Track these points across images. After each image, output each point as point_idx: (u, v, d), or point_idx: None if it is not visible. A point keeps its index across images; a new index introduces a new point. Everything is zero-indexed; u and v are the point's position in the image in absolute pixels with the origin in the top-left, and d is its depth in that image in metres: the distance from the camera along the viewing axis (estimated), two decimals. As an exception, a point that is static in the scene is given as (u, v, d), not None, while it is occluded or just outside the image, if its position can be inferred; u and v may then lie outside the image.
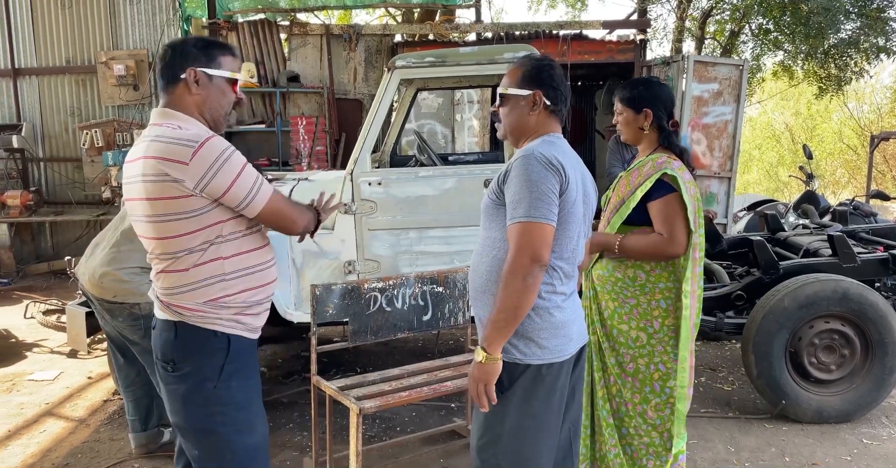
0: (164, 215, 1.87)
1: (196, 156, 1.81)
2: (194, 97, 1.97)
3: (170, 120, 1.93)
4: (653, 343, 2.63)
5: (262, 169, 7.67)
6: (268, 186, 1.95)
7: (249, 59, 8.26)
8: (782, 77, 11.27)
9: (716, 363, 4.81)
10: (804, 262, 4.06)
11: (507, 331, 1.94)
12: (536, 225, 1.91)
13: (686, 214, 2.54)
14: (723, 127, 7.36)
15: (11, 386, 4.56)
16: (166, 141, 1.84)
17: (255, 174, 1.91)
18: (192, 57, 1.97)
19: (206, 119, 1.99)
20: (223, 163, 1.84)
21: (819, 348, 3.73)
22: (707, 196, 7.49)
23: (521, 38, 7.83)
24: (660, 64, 7.51)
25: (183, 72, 1.95)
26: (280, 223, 2.02)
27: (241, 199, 1.88)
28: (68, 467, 3.41)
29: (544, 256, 1.91)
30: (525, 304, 1.92)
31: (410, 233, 3.74)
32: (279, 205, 1.99)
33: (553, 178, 1.94)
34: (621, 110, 2.70)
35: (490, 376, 1.97)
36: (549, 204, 1.92)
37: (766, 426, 3.76)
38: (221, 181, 1.84)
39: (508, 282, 1.91)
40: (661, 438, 2.66)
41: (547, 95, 2.11)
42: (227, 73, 2.01)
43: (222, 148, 1.86)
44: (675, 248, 2.54)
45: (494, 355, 1.96)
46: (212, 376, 1.94)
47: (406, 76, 3.74)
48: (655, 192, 2.55)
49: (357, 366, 4.72)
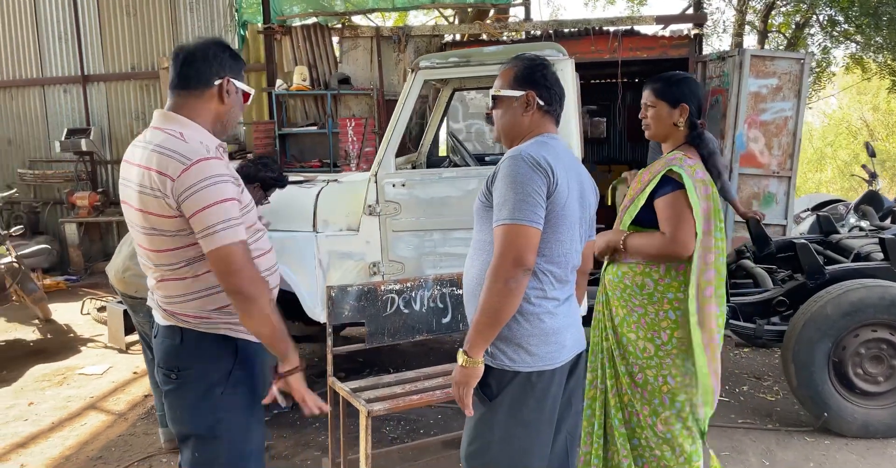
0: (156, 230, 1.84)
1: (185, 172, 1.76)
2: (219, 107, 1.92)
3: (173, 125, 1.87)
4: (661, 355, 2.50)
5: (313, 170, 7.80)
6: (237, 233, 1.79)
7: (302, 63, 8.41)
8: (854, 70, 10.70)
9: (762, 371, 4.60)
10: (853, 267, 3.83)
11: (488, 334, 1.90)
12: (520, 227, 1.85)
13: (690, 213, 2.39)
14: (782, 124, 7.03)
15: (63, 379, 4.77)
16: (167, 153, 1.79)
17: (232, 214, 1.79)
18: (228, 66, 1.92)
19: (218, 127, 1.96)
20: (208, 185, 1.76)
21: (865, 358, 3.52)
22: (765, 196, 7.18)
23: (571, 35, 7.69)
24: (715, 59, 7.24)
25: (219, 78, 1.90)
26: (226, 273, 1.79)
27: (204, 227, 1.77)
28: (101, 459, 3.54)
29: (528, 260, 1.86)
30: (507, 308, 1.87)
31: (434, 234, 3.71)
32: (236, 257, 1.78)
33: (539, 179, 1.88)
34: (654, 103, 2.55)
35: (470, 379, 1.93)
36: (533, 206, 1.86)
37: (806, 439, 3.56)
38: (197, 201, 1.76)
39: (490, 286, 1.86)
40: (672, 452, 2.54)
41: (540, 95, 2.06)
42: (247, 87, 2.00)
43: (214, 172, 1.78)
44: (677, 248, 2.40)
45: (475, 359, 1.92)
46: (220, 382, 1.91)
47: (430, 77, 3.72)
48: (661, 189, 2.44)
49: (390, 367, 4.73)
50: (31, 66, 9.21)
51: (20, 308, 6.35)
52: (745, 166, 7.02)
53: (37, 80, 9.20)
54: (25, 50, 9.20)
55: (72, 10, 8.96)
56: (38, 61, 9.19)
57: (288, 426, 3.88)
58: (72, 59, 9.08)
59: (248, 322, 1.85)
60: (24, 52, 9.21)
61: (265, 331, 1.86)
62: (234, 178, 1.86)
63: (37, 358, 5.28)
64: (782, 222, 7.17)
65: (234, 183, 1.85)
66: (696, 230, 2.37)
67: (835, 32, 9.32)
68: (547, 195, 1.90)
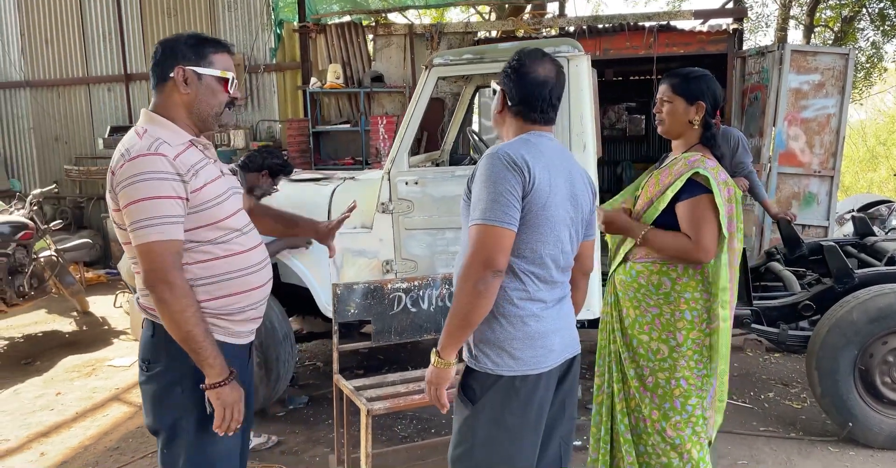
0: (117, 223, 1.89)
1: (121, 167, 1.80)
2: (182, 97, 1.92)
3: (145, 123, 1.91)
4: (675, 357, 2.45)
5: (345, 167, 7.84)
6: (163, 232, 1.77)
7: (336, 61, 8.47)
8: (907, 65, 10.26)
9: (791, 378, 4.44)
10: (884, 271, 3.66)
11: (459, 336, 1.87)
12: (491, 228, 1.81)
13: (718, 218, 2.34)
14: (824, 121, 6.79)
15: (91, 370, 4.90)
16: (119, 149, 1.84)
17: (161, 211, 1.77)
18: (181, 55, 1.90)
19: (194, 119, 1.95)
20: (138, 181, 1.77)
21: (894, 366, 3.36)
22: (806, 196, 6.95)
23: (605, 31, 7.55)
24: (754, 55, 7.02)
25: (172, 70, 1.90)
26: (144, 269, 1.80)
27: (131, 222, 1.79)
28: (118, 450, 3.61)
29: (498, 262, 1.81)
30: (477, 310, 1.83)
31: (447, 233, 3.68)
32: (153, 256, 1.77)
33: (514, 178, 1.83)
34: (670, 98, 2.48)
35: (441, 380, 1.91)
36: (505, 206, 1.81)
37: (830, 450, 3.43)
38: (126, 196, 1.79)
39: (460, 287, 1.83)
40: (679, 459, 2.46)
41: (508, 94, 2.00)
42: (218, 71, 1.94)
43: (147, 169, 1.77)
44: (701, 254, 2.35)
45: (447, 360, 1.89)
46: (182, 379, 1.91)
47: (444, 74, 3.69)
48: (685, 193, 2.37)
49: (409, 365, 4.73)
50: (77, 66, 9.49)
51: (60, 300, 6.56)
52: (785, 165, 6.79)
53: (82, 78, 9.47)
54: (72, 50, 9.48)
55: (115, 11, 9.20)
56: (83, 61, 9.45)
57: (301, 422, 3.91)
58: (115, 58, 9.32)
59: (162, 321, 1.84)
60: (71, 52, 9.49)
61: (175, 335, 1.82)
62: (176, 176, 1.81)
63: (70, 349, 5.43)
64: (824, 223, 6.93)
65: (175, 180, 1.80)
66: (719, 234, 2.34)
67: (885, 26, 8.95)
68: (523, 195, 1.85)
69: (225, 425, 1.88)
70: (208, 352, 1.83)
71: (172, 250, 1.81)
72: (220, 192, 1.93)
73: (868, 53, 9.48)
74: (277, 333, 3.73)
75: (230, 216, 1.95)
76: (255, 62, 8.90)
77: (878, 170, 15.88)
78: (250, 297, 2.01)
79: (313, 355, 5.08)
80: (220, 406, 1.86)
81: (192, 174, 1.85)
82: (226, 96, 1.99)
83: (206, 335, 1.83)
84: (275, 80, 8.97)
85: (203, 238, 1.90)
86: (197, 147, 1.93)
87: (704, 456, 2.50)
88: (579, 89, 3.53)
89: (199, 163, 1.90)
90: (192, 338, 1.81)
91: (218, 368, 1.85)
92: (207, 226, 1.89)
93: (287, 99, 9.00)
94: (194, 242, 1.88)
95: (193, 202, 1.85)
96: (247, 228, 2.02)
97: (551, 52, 3.51)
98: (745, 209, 6.56)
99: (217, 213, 1.91)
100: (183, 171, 1.83)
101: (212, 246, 1.91)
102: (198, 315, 1.83)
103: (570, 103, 3.51)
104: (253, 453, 3.49)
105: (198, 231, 1.88)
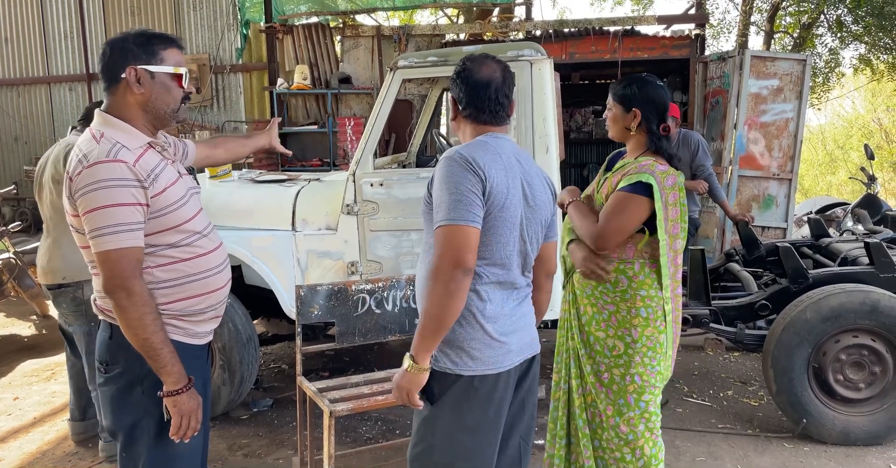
0: (73, 227, 1.88)
1: (79, 174, 1.78)
2: (136, 97, 1.88)
3: (100, 125, 1.88)
4: (629, 353, 2.51)
5: (313, 169, 7.80)
6: (121, 240, 1.76)
7: (303, 62, 8.43)
8: (864, 71, 10.54)
9: (748, 376, 4.54)
10: (837, 272, 3.76)
11: (432, 339, 1.87)
12: (456, 228, 1.83)
13: (633, 218, 2.42)
14: (783, 125, 6.95)
15: (51, 374, 4.81)
16: (75, 153, 1.82)
17: (119, 219, 1.76)
18: (132, 54, 1.86)
19: (150, 118, 1.93)
20: (96, 189, 1.75)
21: (846, 364, 3.46)
22: (765, 199, 7.10)
23: (572, 35, 7.64)
24: (715, 59, 7.17)
25: (123, 71, 1.86)
26: (104, 276, 1.79)
27: (90, 230, 1.77)
28: (77, 455, 3.56)
29: (467, 260, 1.83)
30: (450, 311, 1.84)
31: (412, 234, 3.69)
32: (112, 264, 1.77)
33: (472, 178, 1.85)
34: (611, 106, 2.60)
35: (413, 385, 1.91)
36: (468, 205, 1.83)
37: (785, 446, 3.51)
38: (85, 203, 1.77)
39: (431, 289, 1.84)
40: (632, 455, 2.52)
41: (458, 100, 2.04)
42: (171, 68, 1.90)
43: (106, 176, 1.76)
44: (595, 240, 2.45)
45: (421, 365, 1.89)
46: (139, 381, 1.90)
47: (409, 76, 3.70)
48: (625, 188, 2.45)
49: (375, 366, 4.72)
50: (38, 65, 9.33)
51: (18, 303, 6.42)
52: (745, 168, 6.94)
53: (43, 78, 9.31)
54: (32, 48, 9.31)
55: (77, 9, 9.07)
56: (44, 60, 9.30)
57: (265, 425, 3.88)
58: (77, 57, 9.19)
59: (121, 327, 1.83)
60: (31, 51, 9.32)
61: (133, 342, 1.82)
62: (136, 182, 1.79)
63: (29, 353, 5.33)
64: (782, 225, 7.09)
65: (134, 186, 1.79)
66: (628, 232, 2.43)
67: (842, 33, 9.19)
68: (483, 195, 1.87)
69: (181, 432, 1.88)
70: (166, 360, 1.83)
71: (132, 258, 1.80)
72: (180, 195, 1.92)
73: (826, 59, 9.74)
74: (241, 336, 3.71)
75: (190, 219, 1.94)
76: (220, 62, 8.83)
77: (837, 173, 16.28)
78: (211, 298, 2.01)
79: (278, 358, 5.06)
80: (178, 414, 1.86)
81: (151, 179, 1.84)
82: (180, 92, 1.96)
83: (165, 343, 1.83)
84: (241, 81, 8.91)
85: (164, 242, 1.89)
86: (155, 149, 1.92)
87: (657, 453, 2.55)
88: (542, 92, 3.57)
89: (159, 166, 1.89)
90: (149, 346, 1.81)
91: (175, 376, 1.84)
92: (168, 230, 1.89)
93: (254, 100, 8.95)
94: (155, 246, 1.88)
95: (154, 207, 1.84)
96: (207, 230, 2.02)
97: (514, 56, 3.58)
98: (706, 211, 6.70)
99: (178, 217, 1.90)
100: (143, 177, 1.82)
101: (173, 249, 1.91)
102: (156, 322, 1.82)
103: (534, 106, 3.55)
104: (215, 454, 3.47)
105: (158, 235, 1.88)
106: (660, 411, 2.57)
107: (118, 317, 1.81)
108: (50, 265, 3.35)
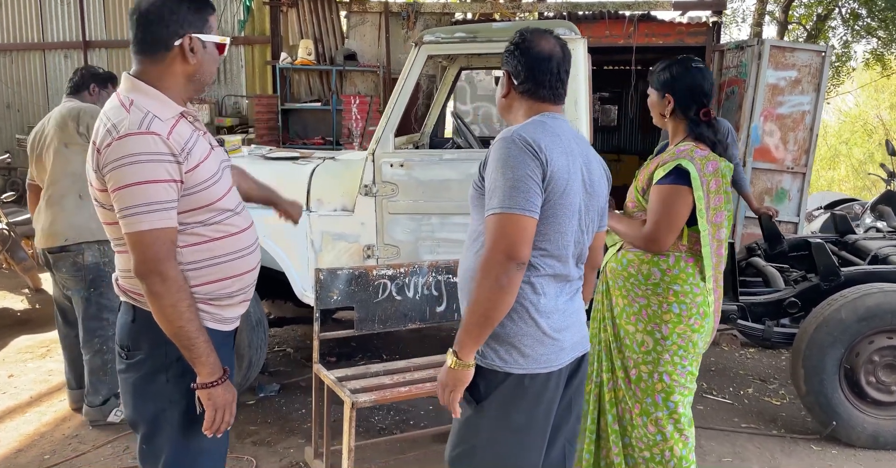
0: (98, 201, 1.73)
1: (109, 146, 1.61)
2: (188, 67, 1.72)
3: (129, 92, 1.71)
4: (658, 350, 2.40)
5: (315, 147, 7.61)
6: (154, 220, 1.61)
7: (308, 37, 8.20)
8: (874, 67, 10.42)
9: (767, 373, 4.43)
10: (870, 270, 3.65)
11: (479, 335, 1.73)
12: (512, 217, 1.67)
13: (682, 212, 2.32)
14: (799, 118, 6.81)
15: (46, 351, 4.64)
16: (104, 122, 1.66)
17: (152, 198, 1.61)
18: (188, 22, 1.70)
19: (192, 89, 1.78)
20: (128, 164, 1.60)
21: (879, 366, 3.35)
22: (778, 192, 6.98)
23: (585, 18, 7.45)
24: (733, 48, 7.00)
25: (178, 38, 1.69)
26: (136, 259, 1.63)
27: (120, 208, 1.62)
28: (77, 438, 3.40)
29: (522, 253, 1.68)
30: (499, 307, 1.70)
31: (432, 218, 3.54)
32: (144, 247, 1.62)
33: (532, 162, 1.69)
34: (650, 91, 2.51)
35: (459, 383, 1.77)
36: (526, 192, 1.68)
37: (812, 448, 3.41)
38: (115, 179, 1.61)
39: (480, 282, 1.69)
40: (661, 456, 2.43)
41: (515, 74, 1.87)
42: (218, 38, 1.78)
43: (138, 150, 1.60)
44: (648, 243, 2.36)
45: (466, 361, 1.75)
46: (164, 368, 1.76)
47: (434, 52, 3.53)
48: (663, 179, 2.34)
49: (384, 353, 4.59)
50: (33, 30, 9.02)
51: (10, 276, 6.22)
52: (759, 160, 6.81)
53: (37, 44, 9.02)
54: (26, 13, 9.00)
55: (75, -25, 8.76)
56: (39, 25, 9.00)
57: (273, 411, 3.74)
58: (74, 23, 8.89)
59: (153, 314, 1.68)
60: (25, 16, 9.01)
61: (166, 330, 1.67)
62: (170, 156, 1.63)
63: (22, 328, 5.14)
64: (794, 220, 6.97)
65: (169, 161, 1.63)
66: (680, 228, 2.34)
67: (857, 26, 9.05)
68: (543, 180, 1.72)
69: (215, 427, 1.73)
70: (202, 350, 1.68)
71: (166, 239, 1.64)
72: (213, 171, 1.76)
73: (838, 52, 9.59)
74: (251, 318, 3.55)
75: (223, 196, 1.79)
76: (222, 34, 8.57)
77: (838, 168, 16.23)
78: (242, 281, 1.87)
79: (282, 341, 4.90)
80: (212, 407, 1.71)
81: (186, 152, 1.68)
82: (219, 61, 1.84)
83: (200, 331, 1.68)
84: (243, 54, 8.66)
85: (194, 220, 1.73)
86: (187, 119, 1.75)
87: (688, 454, 2.45)
88: (575, 74, 3.40)
89: (192, 138, 1.72)
90: (184, 335, 1.66)
91: (210, 367, 1.70)
92: (201, 208, 1.73)
93: (255, 74, 8.71)
94: (185, 224, 1.72)
95: (188, 184, 1.69)
96: (239, 208, 1.87)
97: (548, 34, 3.40)
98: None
99: (211, 194, 1.74)
100: (177, 151, 1.65)
101: (203, 227, 1.75)
102: (192, 309, 1.67)
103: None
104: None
105: (190, 213, 1.72)
106: (690, 412, 2.46)
107: (151, 304, 1.66)
108: (52, 227, 3.25)
